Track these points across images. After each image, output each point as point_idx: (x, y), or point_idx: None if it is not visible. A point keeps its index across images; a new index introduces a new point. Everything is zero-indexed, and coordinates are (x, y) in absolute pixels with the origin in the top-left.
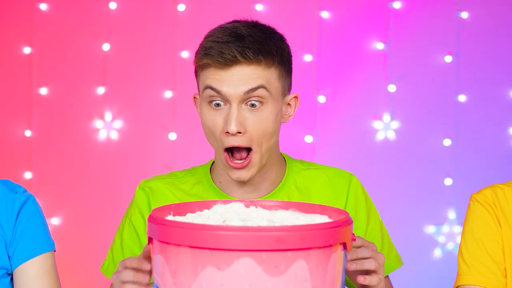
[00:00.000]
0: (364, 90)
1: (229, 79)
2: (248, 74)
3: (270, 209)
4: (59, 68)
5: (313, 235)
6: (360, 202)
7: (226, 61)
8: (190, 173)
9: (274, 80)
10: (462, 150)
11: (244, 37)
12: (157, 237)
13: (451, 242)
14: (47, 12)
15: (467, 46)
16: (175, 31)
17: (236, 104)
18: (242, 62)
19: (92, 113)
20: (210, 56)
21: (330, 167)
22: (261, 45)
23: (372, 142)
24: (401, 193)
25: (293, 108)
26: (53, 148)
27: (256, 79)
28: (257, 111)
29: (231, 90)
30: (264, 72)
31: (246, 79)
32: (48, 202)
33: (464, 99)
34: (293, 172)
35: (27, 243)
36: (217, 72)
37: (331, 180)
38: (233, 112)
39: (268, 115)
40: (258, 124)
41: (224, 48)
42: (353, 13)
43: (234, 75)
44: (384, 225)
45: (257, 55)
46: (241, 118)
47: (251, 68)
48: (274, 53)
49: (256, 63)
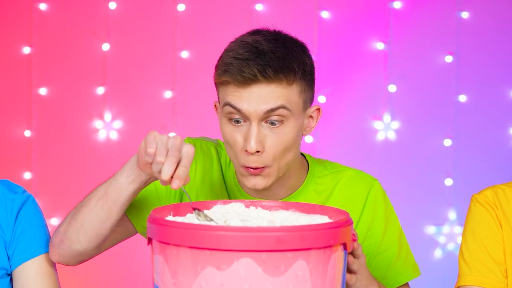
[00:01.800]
0: (364, 90)
1: (249, 97)
2: (268, 93)
3: (270, 209)
4: (59, 68)
5: (313, 236)
6: (379, 209)
7: (246, 79)
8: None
9: (295, 97)
10: (463, 150)
11: (265, 54)
12: (156, 237)
13: (452, 242)
14: (47, 12)
15: (467, 46)
16: (175, 31)
17: (256, 123)
18: (262, 81)
19: (91, 113)
20: (230, 74)
21: (352, 169)
22: (282, 62)
23: (372, 143)
24: (401, 194)
25: (315, 120)
26: (52, 149)
27: (277, 99)
28: (277, 129)
29: (251, 108)
30: (284, 91)
31: (266, 98)
32: (47, 203)
33: (464, 99)
34: (315, 177)
35: (26, 243)
36: (237, 89)
37: (350, 183)
38: (253, 130)
39: (289, 133)
40: (277, 142)
41: (244, 66)
42: (353, 13)
43: (254, 93)
44: (404, 235)
45: (278, 74)
46: (260, 136)
47: (271, 87)
48: (296, 69)
49: (277, 82)
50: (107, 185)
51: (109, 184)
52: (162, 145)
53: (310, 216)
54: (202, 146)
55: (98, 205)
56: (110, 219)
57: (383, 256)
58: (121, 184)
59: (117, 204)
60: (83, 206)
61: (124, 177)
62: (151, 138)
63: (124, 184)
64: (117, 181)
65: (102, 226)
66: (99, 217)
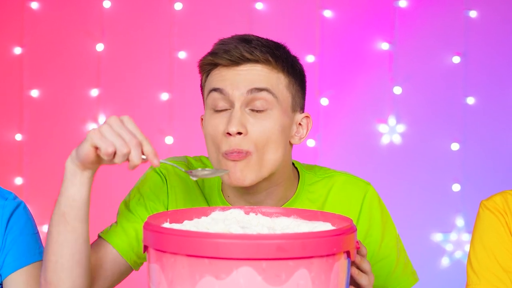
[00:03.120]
0: (369, 92)
1: (234, 78)
2: (255, 74)
3: (270, 216)
4: (51, 69)
5: (316, 243)
6: (375, 215)
7: (232, 57)
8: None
9: (282, 86)
10: (471, 155)
11: (252, 41)
12: (153, 245)
13: (460, 250)
14: (38, 10)
15: (475, 46)
16: (171, 30)
17: (239, 105)
18: (250, 61)
19: (85, 116)
20: (216, 56)
21: (343, 173)
22: (269, 49)
23: (377, 147)
24: (407, 200)
25: (305, 129)
26: (44, 153)
27: (262, 80)
28: (261, 115)
29: (234, 88)
30: (271, 75)
31: (252, 79)
32: (39, 209)
33: (472, 102)
34: (306, 185)
35: (17, 252)
36: (223, 73)
37: (344, 190)
38: (235, 112)
39: (273, 123)
40: (261, 128)
41: (232, 48)
42: (357, 12)
43: (240, 74)
44: (401, 240)
45: (264, 54)
46: (243, 119)
47: (257, 68)
48: (284, 60)
49: (264, 63)
50: (58, 207)
51: (59, 205)
52: (116, 138)
53: (312, 223)
54: (175, 169)
55: (61, 231)
56: (80, 238)
57: (382, 264)
58: (72, 195)
59: (78, 217)
60: (48, 244)
61: (72, 186)
62: (97, 136)
63: (76, 193)
64: (66, 196)
65: (76, 251)
66: (68, 242)
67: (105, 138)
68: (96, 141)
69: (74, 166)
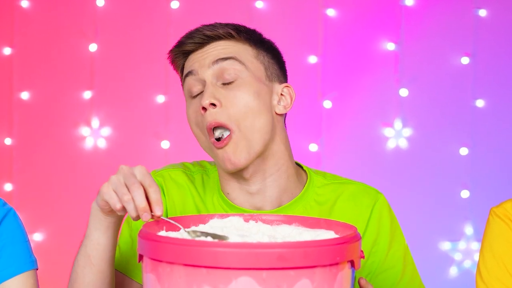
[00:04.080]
0: (374, 94)
1: (201, 58)
2: (219, 48)
3: (271, 223)
4: (42, 70)
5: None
6: (384, 224)
7: (195, 40)
8: (204, 171)
9: (250, 56)
10: (480, 160)
11: (214, 23)
12: (148, 254)
13: (468, 259)
14: (29, 9)
15: (485, 47)
16: (168, 30)
17: (210, 81)
18: (213, 38)
19: (77, 119)
20: (181, 43)
21: (355, 182)
22: (231, 25)
23: (382, 151)
24: (414, 207)
25: (288, 98)
26: (35, 158)
27: (227, 50)
28: (233, 86)
29: (202, 64)
30: (237, 46)
31: (216, 53)
32: (30, 216)
33: (482, 104)
34: (314, 186)
35: (6, 261)
36: (191, 58)
37: (354, 197)
38: (207, 87)
39: (246, 90)
40: (234, 98)
41: (193, 32)
42: (361, 11)
43: (206, 52)
44: (409, 252)
45: (226, 29)
46: (216, 93)
47: (222, 43)
48: (248, 33)
49: (227, 38)
50: (84, 249)
51: (85, 247)
52: (120, 186)
53: (314, 231)
54: (172, 176)
55: (86, 272)
56: (107, 278)
57: (387, 275)
58: (97, 239)
59: (104, 259)
60: (74, 284)
61: (96, 230)
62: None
63: (100, 237)
64: (91, 239)
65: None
66: (94, 283)
67: (112, 193)
68: (105, 196)
69: (97, 210)
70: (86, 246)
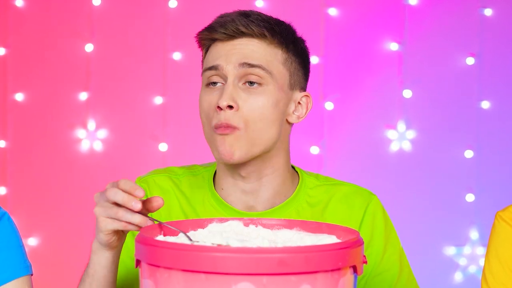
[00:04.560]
0: (377, 95)
1: (228, 53)
2: (249, 48)
3: (271, 228)
4: (37, 71)
5: (320, 257)
6: (378, 226)
7: (227, 31)
8: (191, 172)
9: (278, 62)
10: (486, 163)
11: (250, 15)
12: (146, 259)
13: (474, 265)
14: (24, 8)
15: (491, 47)
16: (166, 29)
17: (231, 80)
18: (245, 35)
19: (73, 121)
20: (213, 29)
21: (348, 184)
22: (267, 23)
23: (385, 154)
24: (417, 211)
25: (304, 108)
26: (30, 160)
27: (256, 56)
28: (254, 91)
29: (228, 62)
30: (267, 50)
31: (245, 53)
32: (24, 221)
33: (487, 106)
34: (306, 188)
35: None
36: (219, 48)
37: (347, 198)
38: (228, 86)
39: (267, 99)
40: (253, 104)
41: (228, 21)
42: (364, 10)
43: (235, 48)
44: (405, 254)
45: (261, 29)
46: (235, 94)
47: (253, 43)
48: (283, 36)
49: (260, 38)
50: (88, 269)
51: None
52: (109, 210)
53: (316, 235)
54: (156, 181)
55: None
56: None
57: (382, 278)
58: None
59: (107, 278)
60: None
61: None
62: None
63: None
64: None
65: None
66: None
67: (110, 221)
68: (109, 227)
69: (101, 249)
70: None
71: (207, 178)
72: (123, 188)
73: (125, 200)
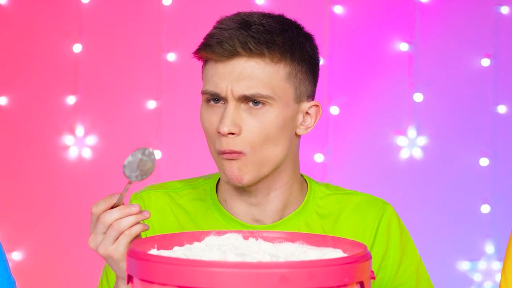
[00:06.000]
0: (385, 99)
1: (226, 74)
2: (248, 71)
3: (273, 241)
4: (21, 73)
5: (325, 273)
6: (394, 236)
7: (224, 52)
8: (191, 186)
9: (279, 80)
10: (502, 171)
11: (251, 25)
12: (138, 275)
13: (489, 281)
14: (7, 6)
15: (507, 47)
16: (160, 28)
17: (233, 103)
18: (242, 55)
19: (60, 127)
20: (209, 46)
21: (361, 193)
22: (269, 35)
23: (394, 162)
24: (429, 223)
25: (313, 118)
26: (14, 168)
27: (255, 81)
28: (258, 112)
29: (226, 86)
30: (267, 68)
31: (244, 78)
32: (7, 234)
33: (504, 110)
34: (316, 197)
35: None
36: (215, 66)
37: (360, 208)
38: (228, 111)
39: (271, 120)
40: (256, 128)
41: (226, 37)
42: (371, 8)
43: (233, 71)
44: (423, 266)
45: (259, 46)
46: (236, 117)
47: (251, 64)
48: (286, 47)
49: (258, 57)
50: None
51: None
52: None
53: (320, 249)
54: (152, 198)
55: None
56: None
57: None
58: None
59: None
60: None
61: None
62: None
63: None
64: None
65: None
66: None
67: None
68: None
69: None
70: None
71: (208, 190)
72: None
73: (124, 213)
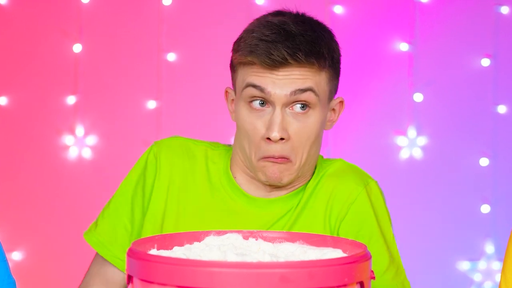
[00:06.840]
0: (385, 99)
1: (275, 79)
2: (298, 76)
3: (273, 241)
4: (21, 73)
5: (325, 273)
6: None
7: (275, 62)
8: (210, 145)
9: (323, 83)
10: (502, 171)
11: (294, 36)
12: (138, 275)
13: (489, 281)
14: (7, 6)
15: (507, 47)
16: (160, 29)
17: (280, 107)
18: (293, 64)
19: (60, 127)
20: (257, 55)
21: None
22: (312, 46)
23: (394, 162)
24: (429, 223)
25: (337, 114)
26: (13, 169)
27: (305, 81)
28: (302, 117)
29: (277, 89)
30: (315, 75)
31: (294, 81)
32: (7, 234)
33: (504, 110)
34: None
35: None
36: (263, 71)
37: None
38: (277, 116)
39: (314, 122)
40: (302, 131)
41: (272, 48)
42: (371, 8)
43: (283, 77)
44: (395, 243)
45: (309, 58)
46: (285, 123)
47: (301, 71)
48: (326, 55)
49: (308, 66)
50: None
51: None
52: None
53: (320, 249)
54: (170, 144)
55: None
56: None
57: None
58: None
59: None
60: None
61: None
62: None
63: None
64: None
65: None
66: None
67: None
68: None
69: None
70: None
71: (223, 156)
72: None
73: None
